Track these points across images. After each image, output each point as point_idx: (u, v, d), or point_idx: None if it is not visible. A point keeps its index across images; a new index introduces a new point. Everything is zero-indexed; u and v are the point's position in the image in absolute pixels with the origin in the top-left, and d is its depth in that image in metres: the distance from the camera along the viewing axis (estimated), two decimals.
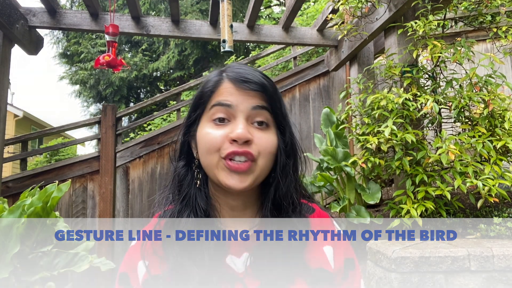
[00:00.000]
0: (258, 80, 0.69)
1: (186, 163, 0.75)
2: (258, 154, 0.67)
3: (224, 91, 0.69)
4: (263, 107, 0.69)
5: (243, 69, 0.71)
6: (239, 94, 0.68)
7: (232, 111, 0.68)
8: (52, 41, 12.19)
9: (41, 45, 3.77)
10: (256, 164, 0.68)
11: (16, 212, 2.06)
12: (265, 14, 12.05)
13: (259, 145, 0.67)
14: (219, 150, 0.67)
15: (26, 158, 4.17)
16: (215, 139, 0.67)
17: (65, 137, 14.09)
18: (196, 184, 0.72)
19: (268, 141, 0.69)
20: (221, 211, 0.73)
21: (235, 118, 0.68)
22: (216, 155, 0.67)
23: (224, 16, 2.84)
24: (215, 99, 0.70)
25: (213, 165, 0.68)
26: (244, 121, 0.67)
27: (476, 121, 2.45)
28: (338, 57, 4.16)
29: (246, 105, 0.68)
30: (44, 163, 8.02)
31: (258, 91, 0.69)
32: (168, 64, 11.21)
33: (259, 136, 0.68)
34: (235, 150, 0.66)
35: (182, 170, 0.74)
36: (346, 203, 2.96)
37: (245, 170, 0.66)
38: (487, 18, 2.71)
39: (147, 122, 7.10)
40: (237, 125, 0.67)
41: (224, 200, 0.73)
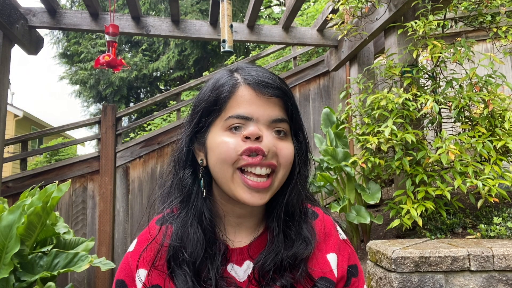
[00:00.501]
0: (279, 85, 0.65)
1: (193, 172, 0.70)
2: (279, 165, 0.65)
3: (242, 100, 0.64)
4: (283, 119, 0.66)
5: (260, 71, 0.67)
6: (259, 104, 0.64)
7: (251, 123, 0.63)
8: (52, 41, 12.20)
9: (41, 45, 3.77)
10: (276, 177, 0.65)
11: (16, 212, 2.06)
12: (265, 14, 12.05)
13: (281, 156, 0.65)
14: (234, 162, 0.63)
15: (26, 158, 4.17)
16: (231, 149, 0.62)
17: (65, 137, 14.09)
18: (203, 194, 0.68)
19: (288, 151, 0.66)
20: (225, 217, 0.71)
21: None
22: (231, 167, 0.63)
23: (224, 16, 2.84)
24: (232, 109, 0.64)
25: (228, 177, 0.64)
26: (266, 131, 0.64)
27: (476, 121, 2.45)
28: (338, 57, 4.16)
29: (267, 117, 0.64)
30: (44, 163, 8.02)
31: (278, 98, 0.65)
32: (168, 64, 11.21)
33: (281, 146, 0.65)
34: (253, 162, 0.62)
35: (189, 179, 0.69)
36: (346, 203, 2.96)
37: (267, 187, 0.63)
38: (487, 18, 2.71)
39: (147, 122, 7.10)
40: (261, 138, 0.63)
41: (231, 208, 0.70)
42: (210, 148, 0.65)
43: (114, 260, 3.81)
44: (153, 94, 12.56)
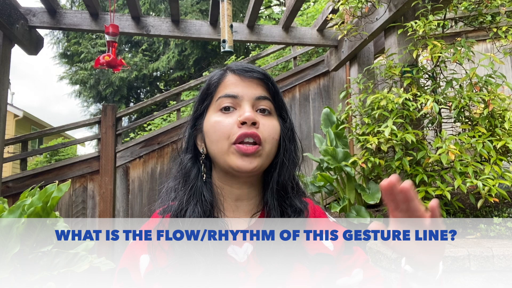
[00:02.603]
0: (260, 70, 0.76)
1: (193, 156, 0.78)
2: (264, 139, 0.72)
3: (229, 83, 0.75)
4: (265, 97, 0.75)
5: (245, 63, 0.78)
6: (244, 86, 0.74)
7: (238, 101, 0.73)
8: (52, 41, 12.19)
9: (41, 45, 3.77)
10: (263, 148, 0.72)
11: (16, 212, 2.06)
12: (265, 14, 12.04)
13: (264, 131, 0.72)
14: (228, 136, 0.71)
15: (26, 158, 4.17)
16: (224, 126, 0.71)
17: (65, 137, 14.10)
18: (203, 177, 0.75)
19: (272, 127, 0.74)
20: (225, 202, 0.76)
21: (241, 106, 0.73)
22: (226, 142, 0.71)
23: (224, 16, 2.84)
24: (221, 91, 0.74)
25: (224, 151, 0.71)
26: (250, 107, 0.72)
27: (476, 121, 2.45)
28: (338, 57, 4.16)
29: (251, 95, 0.73)
30: (44, 163, 8.02)
31: (260, 79, 0.75)
32: (168, 64, 11.21)
33: (264, 122, 0.73)
34: (245, 132, 0.70)
35: (189, 162, 0.77)
36: (346, 203, 2.97)
37: (254, 152, 0.70)
38: (487, 18, 2.70)
39: (147, 122, 7.10)
40: (244, 110, 0.71)
41: (229, 190, 0.76)
42: (207, 129, 0.74)
43: (114, 260, 3.81)
44: (153, 94, 12.56)
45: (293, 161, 0.78)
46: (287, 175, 0.76)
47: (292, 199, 0.76)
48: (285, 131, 0.77)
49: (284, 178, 0.75)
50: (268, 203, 0.75)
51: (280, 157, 0.75)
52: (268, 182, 0.76)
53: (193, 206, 0.72)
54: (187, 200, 0.73)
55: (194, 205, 0.72)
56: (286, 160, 0.76)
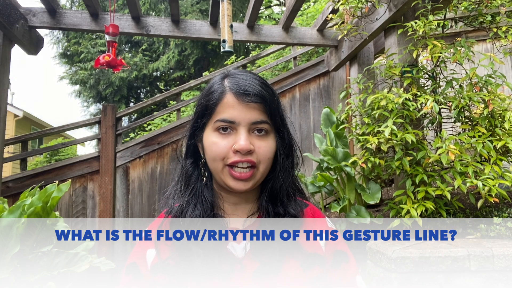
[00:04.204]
0: (258, 91, 0.75)
1: (193, 161, 0.83)
2: (259, 161, 0.75)
3: (227, 106, 0.75)
4: (262, 121, 0.76)
5: (244, 79, 0.77)
6: (241, 109, 0.74)
7: (235, 125, 0.75)
8: (52, 41, 12.19)
9: (41, 45, 3.77)
10: (257, 170, 0.76)
11: (16, 212, 2.06)
12: (265, 14, 12.04)
13: (259, 154, 0.75)
14: (223, 158, 0.74)
15: (26, 158, 4.17)
16: (220, 148, 0.74)
17: (65, 137, 14.09)
18: (203, 180, 0.80)
19: (267, 149, 0.76)
20: (224, 203, 0.81)
21: (237, 130, 0.75)
22: (221, 163, 0.75)
23: (224, 16, 2.84)
24: (219, 113, 0.75)
25: (219, 170, 0.76)
26: (246, 133, 0.74)
27: (476, 121, 2.45)
28: (338, 57, 4.16)
29: (247, 120, 0.75)
30: (44, 163, 8.02)
31: (258, 103, 0.75)
32: (168, 64, 11.21)
33: (259, 145, 0.75)
34: (238, 160, 0.73)
35: (190, 167, 0.82)
36: (346, 203, 2.97)
37: (248, 177, 0.75)
38: (487, 18, 2.70)
39: (147, 122, 7.09)
40: (239, 137, 0.74)
41: (227, 197, 0.81)
42: (205, 146, 0.78)
43: (114, 260, 3.81)
44: (153, 94, 12.56)
45: (289, 172, 0.81)
46: (279, 184, 0.80)
47: (286, 205, 0.80)
48: (282, 147, 0.80)
49: (276, 187, 0.80)
50: (263, 207, 0.80)
51: (277, 171, 0.79)
52: (265, 188, 0.80)
53: (193, 206, 0.77)
54: (188, 201, 0.78)
55: (194, 206, 0.77)
56: (281, 174, 0.79)
